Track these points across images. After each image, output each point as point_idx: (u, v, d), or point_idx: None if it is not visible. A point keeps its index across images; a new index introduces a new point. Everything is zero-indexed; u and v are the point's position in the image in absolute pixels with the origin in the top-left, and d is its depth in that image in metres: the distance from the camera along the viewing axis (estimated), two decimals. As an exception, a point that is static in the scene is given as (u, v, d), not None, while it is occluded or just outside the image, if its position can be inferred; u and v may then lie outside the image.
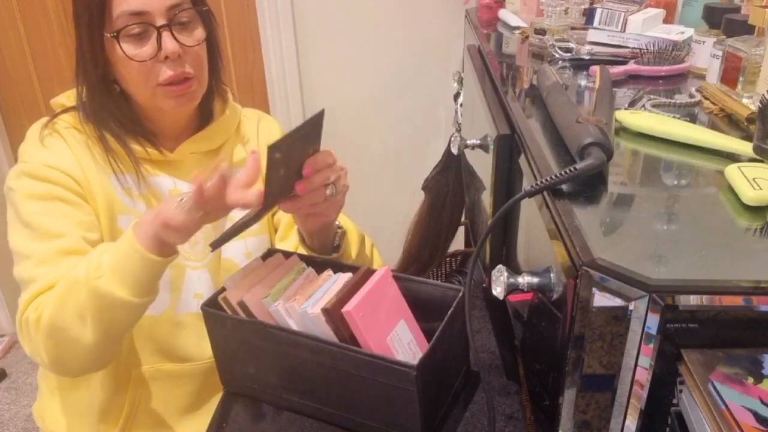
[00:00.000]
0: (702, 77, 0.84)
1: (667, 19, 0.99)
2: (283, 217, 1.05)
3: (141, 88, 0.88)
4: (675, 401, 0.46)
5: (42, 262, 0.85)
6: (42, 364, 0.87)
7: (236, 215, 0.82)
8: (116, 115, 0.91)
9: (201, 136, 0.98)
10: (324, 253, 0.93)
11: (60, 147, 0.91)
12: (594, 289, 0.43)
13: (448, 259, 1.76)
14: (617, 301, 0.43)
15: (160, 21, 0.84)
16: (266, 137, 1.06)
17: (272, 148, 0.67)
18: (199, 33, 0.90)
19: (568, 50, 0.94)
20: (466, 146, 0.87)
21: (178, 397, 1.00)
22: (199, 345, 0.98)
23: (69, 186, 0.88)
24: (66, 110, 0.93)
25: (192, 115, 0.98)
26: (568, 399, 0.48)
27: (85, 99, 0.91)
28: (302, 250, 0.95)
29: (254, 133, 1.06)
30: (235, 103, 1.05)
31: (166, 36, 0.85)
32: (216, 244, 0.76)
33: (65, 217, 0.87)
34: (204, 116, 0.99)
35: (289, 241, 1.02)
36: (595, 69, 0.78)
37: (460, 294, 0.77)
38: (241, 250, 1.01)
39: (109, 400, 0.98)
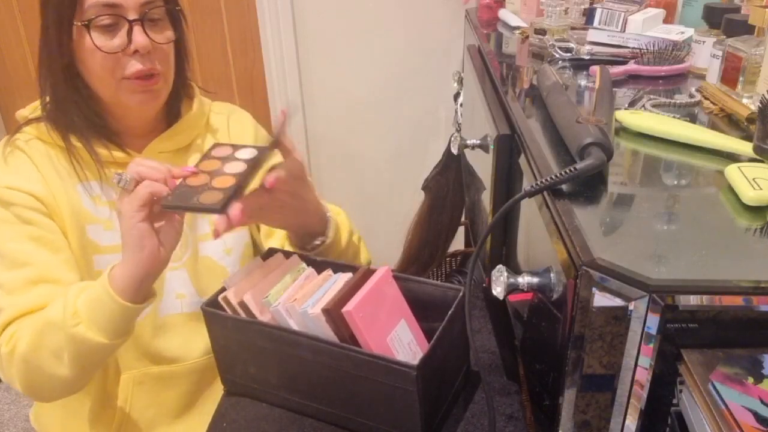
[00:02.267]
0: (702, 77, 0.84)
1: (667, 19, 0.99)
2: None
3: (106, 81, 0.87)
4: (675, 401, 0.46)
5: (10, 292, 0.85)
6: (17, 388, 0.88)
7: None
8: (82, 112, 0.90)
9: (168, 135, 0.97)
10: (314, 239, 0.92)
11: (23, 165, 0.90)
12: (594, 289, 0.43)
13: (448, 259, 1.76)
14: (617, 301, 0.43)
15: (133, 15, 0.84)
16: (238, 129, 1.06)
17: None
18: (170, 32, 0.90)
19: (568, 50, 0.94)
20: (466, 146, 0.87)
21: (169, 399, 1.00)
22: (184, 345, 0.98)
23: (32, 206, 0.87)
24: (29, 122, 0.92)
25: (159, 114, 0.97)
26: (568, 399, 0.48)
27: (49, 99, 0.90)
28: (289, 247, 0.95)
29: (225, 125, 1.05)
30: (204, 97, 1.05)
31: (137, 30, 0.85)
32: (168, 206, 0.75)
33: (31, 240, 0.87)
34: (171, 115, 0.99)
35: (275, 238, 1.02)
36: (595, 69, 0.78)
37: (461, 294, 0.77)
38: (219, 247, 1.00)
39: (101, 405, 0.98)
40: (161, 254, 0.76)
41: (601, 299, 0.43)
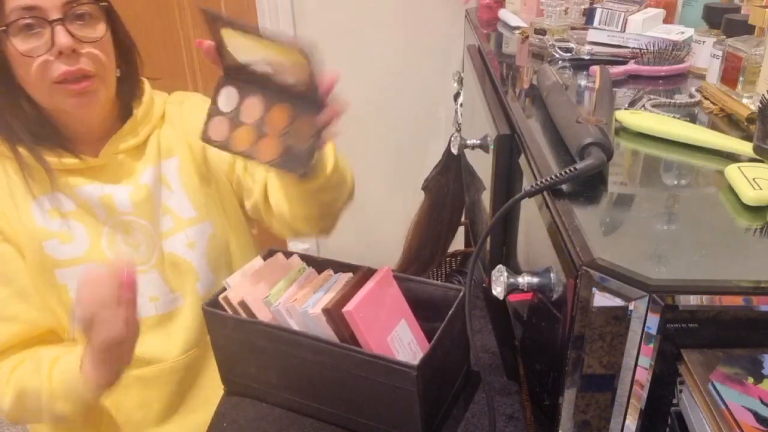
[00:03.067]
0: (702, 77, 0.84)
1: (667, 19, 0.99)
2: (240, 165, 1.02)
3: (38, 87, 0.84)
4: (675, 401, 0.46)
5: None
6: None
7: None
8: (24, 121, 0.87)
9: (120, 135, 0.94)
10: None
11: None
12: (594, 289, 0.43)
13: (448, 259, 1.76)
14: (617, 301, 0.43)
15: (55, 15, 0.81)
16: (190, 114, 1.01)
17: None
18: (101, 29, 0.86)
19: (568, 50, 0.94)
20: (466, 146, 0.87)
21: (155, 400, 0.99)
22: (161, 346, 0.97)
23: None
24: None
25: (111, 115, 0.94)
26: (568, 399, 0.48)
27: None
28: (274, 182, 0.94)
29: (178, 115, 1.02)
30: (157, 91, 1.02)
31: (59, 30, 0.81)
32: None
33: None
34: (124, 114, 0.95)
35: (259, 175, 1.00)
36: (595, 69, 0.78)
37: (461, 294, 0.77)
38: (182, 242, 0.98)
39: (89, 409, 0.97)
40: (130, 334, 0.77)
41: (601, 299, 0.43)
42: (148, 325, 0.96)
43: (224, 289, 0.80)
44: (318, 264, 0.84)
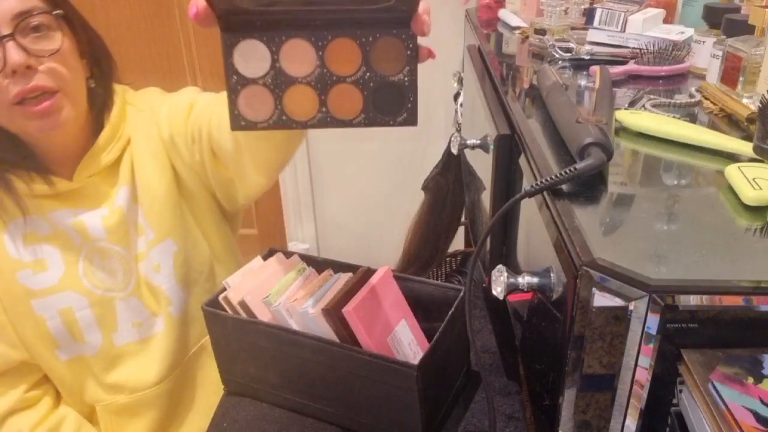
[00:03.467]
0: (702, 77, 0.84)
1: (667, 19, 0.99)
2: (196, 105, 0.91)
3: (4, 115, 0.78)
4: (675, 401, 0.46)
5: None
6: None
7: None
8: None
9: (94, 153, 0.87)
10: None
11: None
12: (594, 289, 0.43)
13: (448, 259, 1.76)
14: (617, 301, 0.43)
15: (5, 30, 0.74)
16: (154, 116, 0.92)
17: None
18: (58, 40, 0.78)
19: (568, 50, 0.94)
20: (466, 146, 0.87)
21: (145, 426, 0.98)
22: (138, 373, 0.95)
23: None
24: None
25: (82, 132, 0.87)
26: (568, 399, 0.48)
27: None
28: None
29: (147, 122, 0.92)
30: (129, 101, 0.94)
31: (10, 47, 0.74)
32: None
33: None
34: (99, 129, 0.88)
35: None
36: (595, 69, 0.78)
37: (461, 294, 0.77)
38: (149, 266, 0.92)
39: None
40: None
41: (601, 299, 0.43)
42: (128, 351, 0.94)
43: (224, 289, 0.80)
44: (318, 264, 0.84)
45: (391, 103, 0.56)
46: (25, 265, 0.87)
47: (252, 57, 0.54)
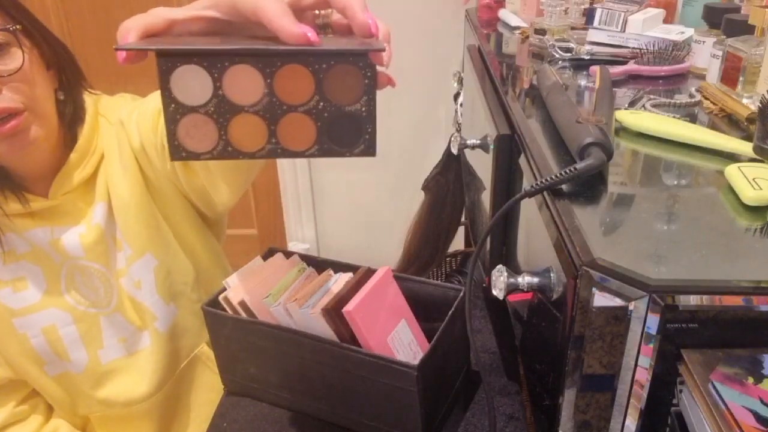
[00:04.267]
0: (702, 77, 0.84)
1: (667, 19, 0.99)
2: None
3: None
4: (675, 401, 0.46)
5: None
6: None
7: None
8: None
9: (64, 173, 0.84)
10: None
11: None
12: (594, 289, 0.43)
13: (448, 259, 1.76)
14: (617, 301, 0.43)
15: None
16: (127, 128, 0.87)
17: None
18: (19, 57, 0.75)
19: (568, 50, 0.94)
20: (466, 146, 0.87)
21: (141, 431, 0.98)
22: (131, 388, 0.94)
23: None
24: None
25: (55, 147, 0.83)
26: (568, 399, 0.48)
27: None
28: None
29: (116, 135, 0.88)
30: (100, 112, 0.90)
31: None
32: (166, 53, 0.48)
33: None
34: (72, 144, 0.85)
35: None
36: (595, 69, 0.78)
37: (461, 294, 0.77)
38: (129, 283, 0.90)
39: None
40: None
41: (601, 299, 0.43)
42: (116, 367, 0.93)
43: (224, 289, 0.80)
44: (318, 264, 0.84)
45: (348, 134, 0.51)
46: (5, 284, 0.86)
47: (192, 83, 0.49)
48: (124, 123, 0.86)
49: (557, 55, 0.94)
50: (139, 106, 0.87)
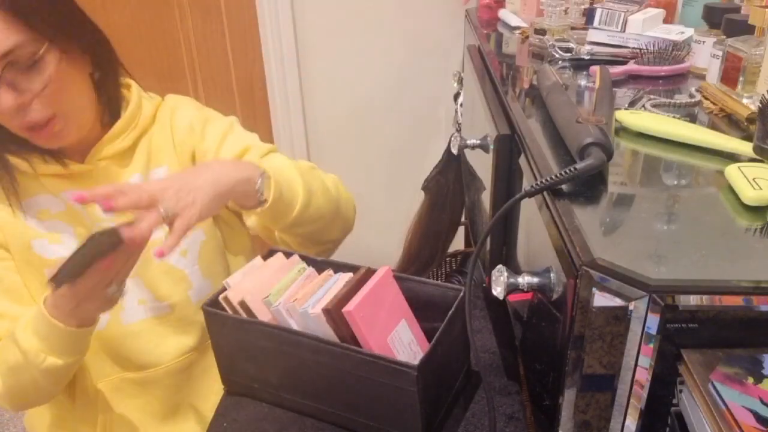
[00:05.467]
0: (702, 77, 0.84)
1: (667, 19, 0.99)
2: None
3: (3, 138, 0.84)
4: (675, 401, 0.46)
5: None
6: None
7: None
8: (12, 135, 0.84)
9: (107, 139, 0.91)
10: (256, 204, 0.85)
11: None
12: (594, 289, 0.43)
13: (448, 259, 1.76)
14: (617, 301, 0.43)
15: None
16: (181, 122, 0.97)
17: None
18: (49, 69, 0.78)
19: (568, 50, 0.94)
20: (466, 146, 0.87)
21: (149, 404, 0.99)
22: (155, 351, 0.96)
23: None
24: None
25: (92, 124, 0.89)
26: (568, 399, 0.48)
27: None
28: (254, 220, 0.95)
29: (169, 121, 0.97)
30: (150, 93, 0.98)
31: (1, 92, 0.76)
32: (57, 281, 0.72)
33: None
34: (110, 118, 0.92)
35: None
36: (595, 69, 0.78)
37: (461, 294, 0.77)
38: (174, 250, 0.94)
39: (85, 409, 0.98)
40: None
41: (601, 299, 0.43)
42: (138, 329, 0.95)
43: (224, 289, 0.80)
44: (318, 264, 0.84)
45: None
46: (41, 235, 0.90)
47: None
48: (194, 129, 0.97)
49: (557, 55, 0.94)
50: (231, 135, 0.99)
